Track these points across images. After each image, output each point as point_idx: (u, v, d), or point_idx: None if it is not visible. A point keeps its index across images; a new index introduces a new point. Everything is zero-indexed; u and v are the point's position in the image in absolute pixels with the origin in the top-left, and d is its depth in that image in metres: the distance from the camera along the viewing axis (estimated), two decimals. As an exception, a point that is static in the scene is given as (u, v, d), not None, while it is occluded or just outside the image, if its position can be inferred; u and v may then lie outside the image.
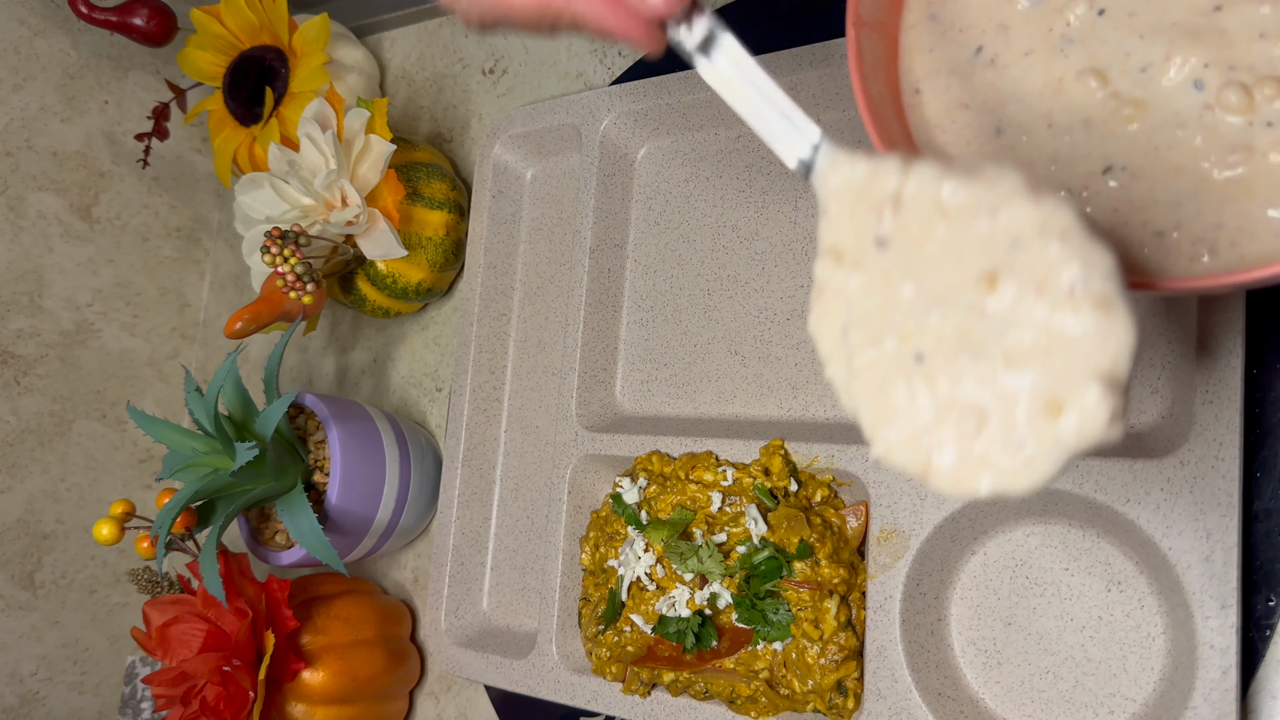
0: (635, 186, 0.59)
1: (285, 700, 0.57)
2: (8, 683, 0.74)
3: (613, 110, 0.57)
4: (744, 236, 0.54)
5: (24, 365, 0.76)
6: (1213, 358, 0.39)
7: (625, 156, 0.59)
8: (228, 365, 0.56)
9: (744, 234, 0.54)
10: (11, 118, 0.75)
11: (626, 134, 0.58)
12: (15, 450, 0.75)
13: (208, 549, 0.53)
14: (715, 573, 0.48)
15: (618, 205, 0.58)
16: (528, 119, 0.61)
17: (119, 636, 0.81)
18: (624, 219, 0.58)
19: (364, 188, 0.60)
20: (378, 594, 0.64)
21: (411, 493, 0.61)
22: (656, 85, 0.56)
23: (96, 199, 0.80)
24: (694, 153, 0.57)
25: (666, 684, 0.49)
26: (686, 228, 0.56)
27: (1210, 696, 0.37)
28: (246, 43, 0.68)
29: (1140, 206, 0.30)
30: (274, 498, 0.56)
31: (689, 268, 0.56)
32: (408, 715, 0.64)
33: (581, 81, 0.64)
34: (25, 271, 0.76)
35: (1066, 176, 0.31)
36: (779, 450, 0.48)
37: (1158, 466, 0.39)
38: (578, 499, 0.55)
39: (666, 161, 0.58)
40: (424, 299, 0.66)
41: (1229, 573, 0.38)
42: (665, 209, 0.58)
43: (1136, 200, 0.30)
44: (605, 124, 0.57)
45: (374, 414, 0.61)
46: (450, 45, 0.72)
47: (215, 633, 0.55)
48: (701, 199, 0.56)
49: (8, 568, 0.75)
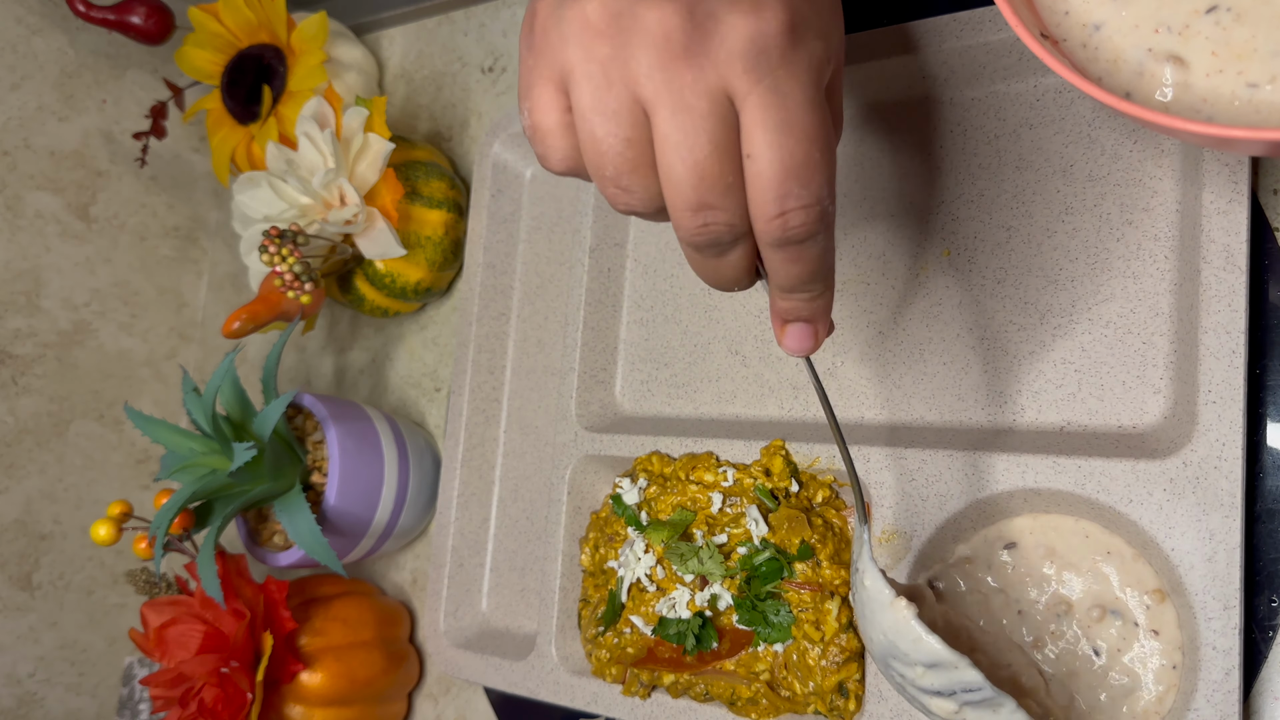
0: (635, 185, 0.59)
1: (283, 702, 0.57)
2: (5, 684, 0.74)
3: (613, 108, 0.57)
4: (744, 235, 0.54)
5: (21, 365, 0.76)
6: (1215, 357, 0.39)
7: (625, 155, 0.59)
8: (225, 365, 0.56)
9: (744, 233, 0.54)
10: (9, 117, 0.75)
11: (626, 132, 0.58)
12: (13, 450, 0.75)
13: (205, 550, 0.53)
14: (716, 574, 0.48)
15: (618, 204, 0.58)
16: (527, 117, 0.61)
17: (117, 638, 0.81)
18: (624, 218, 0.58)
19: (362, 186, 0.60)
20: (376, 595, 0.64)
21: (410, 493, 0.62)
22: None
23: (94, 198, 0.81)
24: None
25: (667, 686, 0.49)
26: (687, 227, 0.57)
27: (1213, 698, 0.37)
28: (244, 41, 0.68)
29: (1238, 53, 0.30)
30: (272, 498, 0.56)
31: (689, 267, 0.56)
32: (406, 717, 0.64)
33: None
34: (22, 271, 0.76)
35: (1169, 14, 0.31)
36: (780, 451, 0.48)
37: (1160, 467, 0.39)
38: (577, 500, 0.55)
39: (667, 160, 0.58)
40: (422, 298, 0.66)
41: (1232, 573, 0.37)
42: (665, 208, 0.58)
43: (1235, 45, 0.30)
44: (605, 122, 0.57)
45: (372, 414, 0.61)
46: (449, 44, 0.72)
47: (213, 634, 0.55)
48: (702, 198, 0.56)
49: (5, 569, 0.75)
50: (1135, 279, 0.43)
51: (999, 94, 0.47)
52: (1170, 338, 0.42)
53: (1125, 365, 0.43)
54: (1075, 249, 0.44)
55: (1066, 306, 0.44)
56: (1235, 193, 0.39)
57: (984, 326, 0.46)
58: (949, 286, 0.47)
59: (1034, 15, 0.33)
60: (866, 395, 0.49)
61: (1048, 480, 0.41)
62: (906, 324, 0.48)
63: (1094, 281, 0.44)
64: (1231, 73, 0.30)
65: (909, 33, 0.48)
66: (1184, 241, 0.42)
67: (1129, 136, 0.44)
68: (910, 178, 0.49)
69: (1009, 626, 0.42)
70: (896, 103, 0.50)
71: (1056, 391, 0.44)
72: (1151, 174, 0.43)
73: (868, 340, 0.49)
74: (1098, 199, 0.44)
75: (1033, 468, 0.41)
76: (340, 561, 0.56)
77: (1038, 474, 0.41)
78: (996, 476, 0.42)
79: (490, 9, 0.69)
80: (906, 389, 0.48)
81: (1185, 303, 0.41)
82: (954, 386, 0.46)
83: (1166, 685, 0.39)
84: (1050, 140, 0.46)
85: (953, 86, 0.48)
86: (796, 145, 0.29)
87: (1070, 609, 0.41)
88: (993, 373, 0.45)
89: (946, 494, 0.43)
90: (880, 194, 0.50)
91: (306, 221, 0.60)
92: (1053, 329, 0.44)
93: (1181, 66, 0.31)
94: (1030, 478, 0.41)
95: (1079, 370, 0.43)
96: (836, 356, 0.50)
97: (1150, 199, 0.43)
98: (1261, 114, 0.29)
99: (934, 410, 0.47)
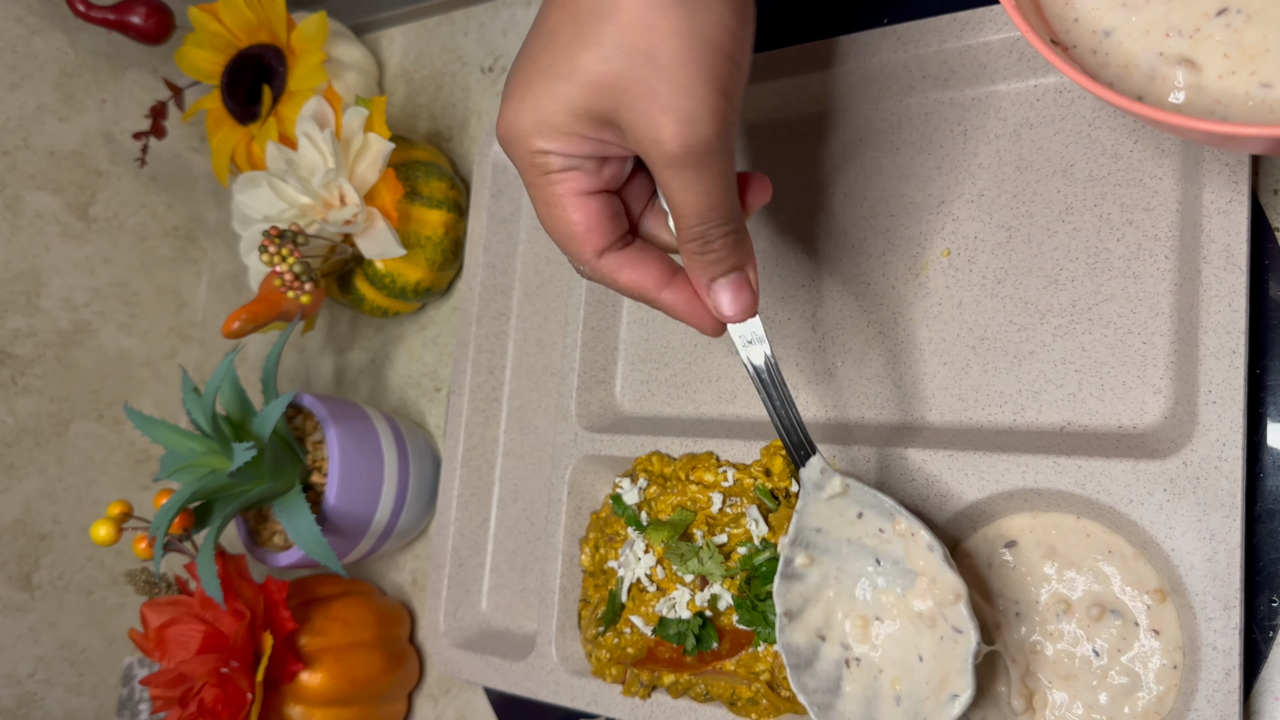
0: (635, 185, 0.59)
1: (283, 702, 0.57)
2: (5, 684, 0.75)
3: (612, 108, 0.57)
4: (744, 235, 0.55)
5: (21, 365, 0.77)
6: (1216, 357, 0.39)
7: (625, 155, 0.59)
8: (225, 365, 0.56)
9: (744, 232, 0.55)
10: (9, 116, 0.76)
11: (626, 132, 0.58)
12: (12, 451, 0.76)
13: (205, 549, 0.54)
14: (716, 574, 0.48)
15: (617, 204, 0.59)
16: (527, 117, 0.62)
17: (116, 638, 0.81)
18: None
19: (362, 186, 0.60)
20: (376, 595, 0.64)
21: (410, 493, 0.62)
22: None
23: (94, 198, 0.81)
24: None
25: (667, 686, 0.50)
26: (687, 226, 0.57)
27: (1213, 698, 0.37)
28: (244, 41, 0.68)
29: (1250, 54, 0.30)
30: (272, 498, 0.57)
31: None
32: (406, 717, 0.64)
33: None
34: (22, 271, 0.77)
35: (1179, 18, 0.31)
36: (780, 451, 0.48)
37: (1161, 467, 0.39)
38: (577, 500, 0.55)
39: (667, 160, 0.58)
40: (422, 298, 0.66)
41: (1232, 574, 0.38)
42: (665, 208, 0.58)
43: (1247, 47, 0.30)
44: (605, 122, 0.58)
45: (372, 414, 0.62)
46: (449, 43, 0.72)
47: (213, 634, 0.55)
48: (702, 197, 0.57)
49: (5, 569, 0.75)
50: (1135, 279, 0.43)
51: (999, 94, 0.47)
52: (1170, 337, 0.42)
53: (1126, 365, 0.43)
54: (1075, 249, 0.45)
55: (1067, 306, 0.44)
56: (1236, 192, 0.39)
57: (984, 326, 0.46)
58: (949, 286, 0.47)
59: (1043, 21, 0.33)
60: (866, 395, 0.49)
61: (1048, 480, 0.41)
62: (906, 324, 0.48)
63: (1094, 281, 0.44)
64: (1244, 73, 0.30)
65: (908, 33, 0.48)
66: (1184, 241, 0.42)
67: (1129, 136, 0.44)
68: (910, 178, 0.49)
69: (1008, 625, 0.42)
70: (895, 103, 0.50)
71: (1057, 391, 0.44)
72: (1152, 174, 0.43)
73: (867, 340, 0.49)
74: (1098, 199, 0.44)
75: (1033, 468, 0.42)
76: (340, 561, 0.56)
77: (1038, 474, 0.42)
78: (997, 477, 0.42)
79: (490, 9, 0.70)
80: (906, 389, 0.48)
81: (1186, 302, 0.41)
82: (954, 386, 0.47)
83: (1167, 685, 0.39)
84: (1050, 140, 0.46)
85: (953, 86, 0.48)
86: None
87: (1070, 608, 0.41)
88: (993, 373, 0.46)
89: (947, 494, 0.43)
90: (880, 194, 0.50)
91: (306, 221, 0.60)
92: (1053, 329, 0.45)
93: (1193, 69, 0.31)
94: (1031, 478, 0.42)
95: (1079, 370, 0.44)
96: (836, 357, 0.50)
97: (1150, 199, 0.43)
98: (1276, 113, 0.29)
99: (934, 410, 0.47)
